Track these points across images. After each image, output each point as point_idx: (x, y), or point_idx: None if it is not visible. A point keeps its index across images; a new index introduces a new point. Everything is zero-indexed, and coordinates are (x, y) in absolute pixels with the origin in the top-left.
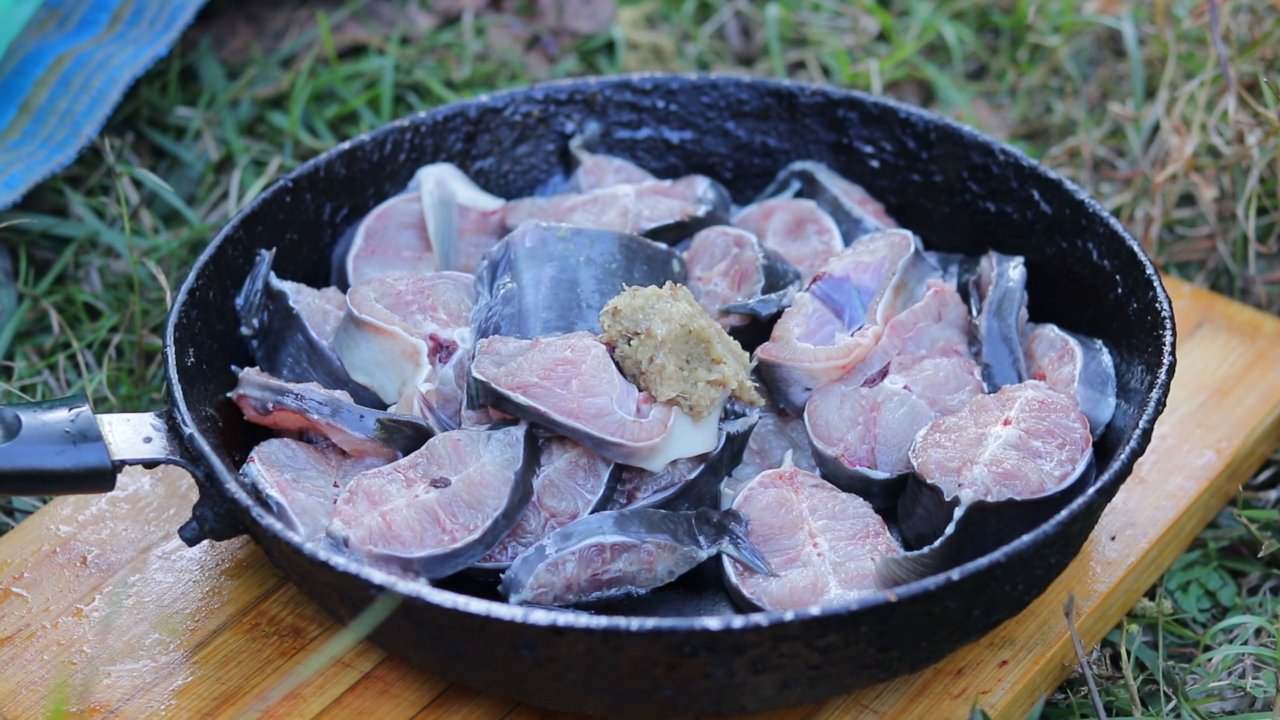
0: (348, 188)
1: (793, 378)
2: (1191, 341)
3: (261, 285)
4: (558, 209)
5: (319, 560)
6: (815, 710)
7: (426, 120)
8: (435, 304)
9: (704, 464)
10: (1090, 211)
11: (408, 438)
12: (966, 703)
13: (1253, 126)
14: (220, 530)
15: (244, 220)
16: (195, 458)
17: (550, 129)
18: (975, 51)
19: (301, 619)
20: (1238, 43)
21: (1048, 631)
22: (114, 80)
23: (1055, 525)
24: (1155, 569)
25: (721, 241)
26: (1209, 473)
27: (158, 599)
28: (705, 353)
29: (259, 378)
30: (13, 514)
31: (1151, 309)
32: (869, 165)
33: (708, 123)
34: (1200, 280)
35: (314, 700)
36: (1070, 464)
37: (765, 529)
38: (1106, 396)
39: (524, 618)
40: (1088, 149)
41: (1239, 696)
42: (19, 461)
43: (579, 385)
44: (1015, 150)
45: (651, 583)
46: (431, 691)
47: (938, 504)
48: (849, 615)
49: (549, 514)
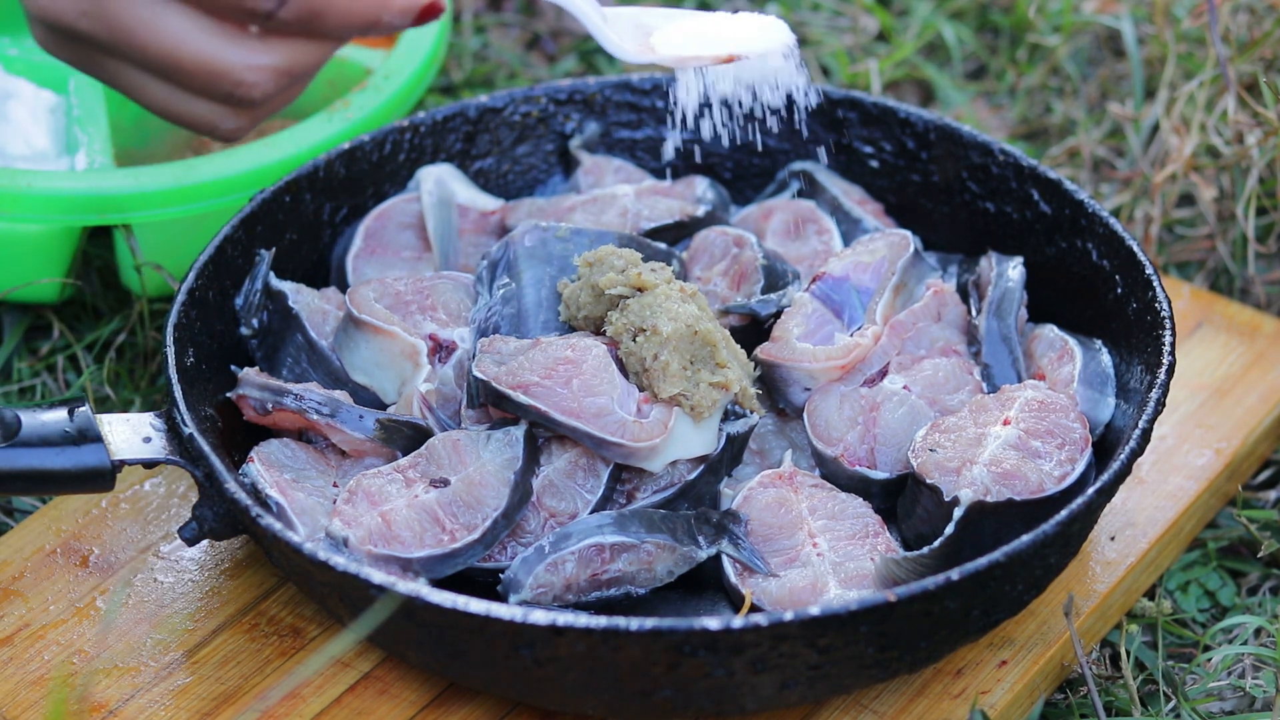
0: (347, 188)
1: (792, 378)
2: (1191, 341)
3: (261, 285)
4: (557, 209)
5: (319, 560)
6: (815, 710)
7: (426, 120)
8: (435, 304)
9: (704, 465)
10: (1090, 211)
11: (407, 438)
12: (966, 703)
13: (1252, 126)
14: (220, 530)
15: (243, 220)
16: (195, 458)
17: (550, 129)
18: (975, 51)
19: (301, 619)
20: (1237, 43)
21: (1047, 631)
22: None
23: (1055, 525)
24: (1155, 569)
25: (721, 241)
26: (1208, 473)
27: (158, 599)
28: (710, 355)
29: (258, 378)
30: (13, 514)
31: (1151, 309)
32: (868, 165)
33: None
34: (1200, 280)
35: (313, 700)
36: (1070, 464)
37: (765, 529)
38: (1106, 396)
39: (523, 618)
40: (1087, 149)
41: (1239, 696)
42: (19, 461)
43: (580, 385)
44: (1015, 150)
45: (651, 583)
46: (431, 691)
47: (937, 504)
48: (848, 615)
49: (549, 514)
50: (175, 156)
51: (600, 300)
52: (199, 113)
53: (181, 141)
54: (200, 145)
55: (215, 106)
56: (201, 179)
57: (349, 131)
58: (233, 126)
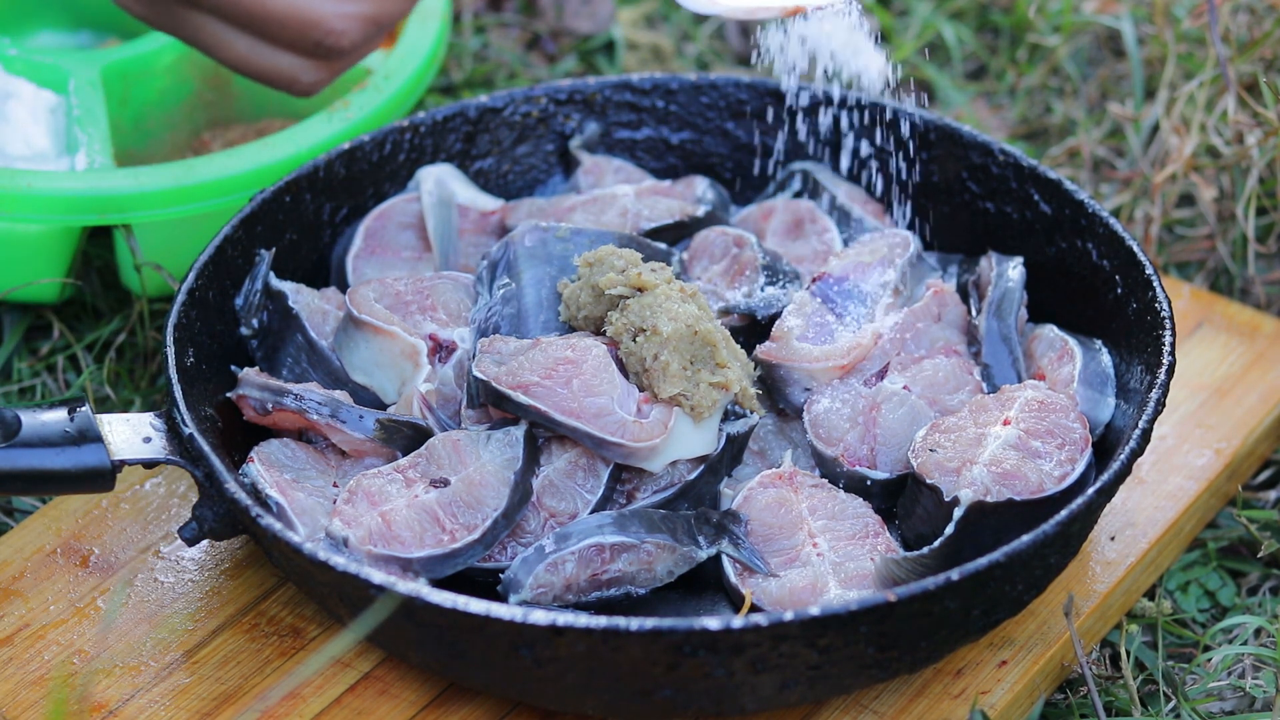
0: (347, 188)
1: (792, 378)
2: (1191, 342)
3: (261, 285)
4: (557, 209)
5: (319, 560)
6: (815, 710)
7: (426, 120)
8: (435, 304)
9: (704, 465)
10: (1090, 211)
11: (407, 438)
12: (966, 703)
13: (1252, 127)
14: (220, 530)
15: (243, 220)
16: (195, 458)
17: (550, 129)
18: (975, 51)
19: (301, 619)
20: (1237, 43)
21: (1047, 631)
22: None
23: (1055, 525)
24: (1155, 569)
25: (721, 241)
26: (1208, 473)
27: (158, 599)
28: (710, 355)
29: (258, 378)
30: (13, 514)
31: (1151, 309)
32: (868, 165)
33: (707, 123)
34: (1200, 280)
35: (313, 700)
36: (1070, 464)
37: (765, 529)
38: (1106, 397)
39: (523, 618)
40: (1087, 149)
41: (1238, 696)
42: (19, 462)
43: (580, 385)
44: (1015, 150)
45: (651, 583)
46: (431, 691)
47: (937, 504)
48: (848, 615)
49: (548, 514)
50: (175, 156)
51: (600, 300)
52: (281, 66)
53: (182, 141)
54: (200, 145)
55: (298, 59)
56: (201, 179)
57: (349, 131)
58: (312, 80)
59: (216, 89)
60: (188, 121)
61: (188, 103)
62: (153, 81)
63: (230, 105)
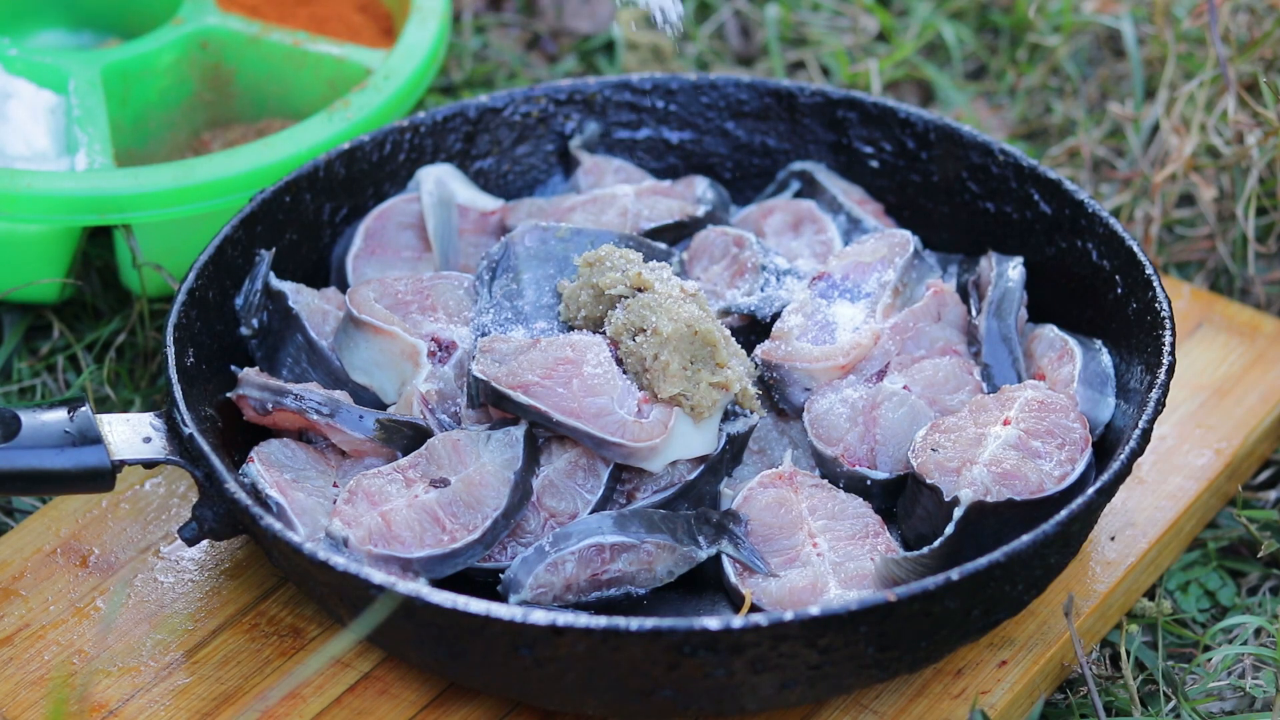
0: (347, 188)
1: (792, 378)
2: (1191, 342)
3: (261, 285)
4: (557, 209)
5: (319, 560)
6: (815, 710)
7: (426, 120)
8: (435, 304)
9: (704, 465)
10: (1090, 211)
11: (407, 438)
12: (966, 703)
13: (1252, 127)
14: (220, 530)
15: (243, 220)
16: (195, 458)
17: (550, 129)
18: (975, 51)
19: (301, 619)
20: (1237, 43)
21: (1047, 631)
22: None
23: (1055, 525)
24: (1155, 569)
25: (721, 241)
26: (1208, 473)
27: (158, 599)
28: (710, 355)
29: (259, 378)
30: (13, 514)
31: (1151, 309)
32: (868, 165)
33: (707, 123)
34: (1200, 280)
35: (313, 700)
36: (1069, 464)
37: (765, 529)
38: (1106, 396)
39: (523, 618)
40: (1087, 149)
41: (1239, 696)
42: (19, 461)
43: (580, 384)
44: (1015, 150)
45: (651, 583)
46: (431, 691)
47: (937, 504)
48: (848, 615)
49: (548, 514)
50: (175, 156)
51: (600, 300)
52: None
53: (182, 141)
54: (200, 145)
55: None
56: (201, 179)
57: (349, 131)
58: None
59: (216, 89)
60: (188, 121)
61: (188, 103)
62: (153, 81)
63: (230, 105)
